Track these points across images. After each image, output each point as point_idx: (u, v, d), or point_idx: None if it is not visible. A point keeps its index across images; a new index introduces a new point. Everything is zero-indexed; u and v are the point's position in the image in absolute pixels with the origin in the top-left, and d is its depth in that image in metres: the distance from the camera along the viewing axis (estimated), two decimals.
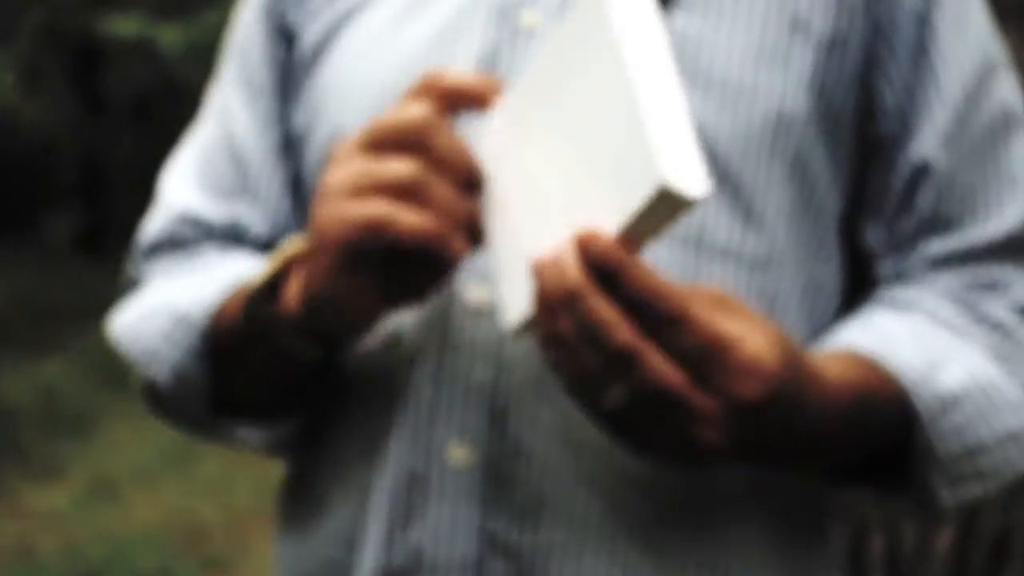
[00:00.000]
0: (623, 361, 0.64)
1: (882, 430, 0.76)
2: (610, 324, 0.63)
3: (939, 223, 0.81)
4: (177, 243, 0.91)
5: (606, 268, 0.64)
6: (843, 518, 0.82)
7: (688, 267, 0.76)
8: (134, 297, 0.90)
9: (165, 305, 0.85)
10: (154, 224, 0.92)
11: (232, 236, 0.90)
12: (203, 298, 0.83)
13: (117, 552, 3.75)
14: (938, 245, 0.81)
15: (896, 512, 1.87)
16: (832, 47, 0.78)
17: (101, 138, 8.94)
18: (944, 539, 1.89)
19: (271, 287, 0.77)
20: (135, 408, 0.89)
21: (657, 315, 0.64)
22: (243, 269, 0.84)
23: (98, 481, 4.32)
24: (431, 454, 0.79)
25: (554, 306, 0.65)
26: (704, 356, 0.64)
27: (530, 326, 0.69)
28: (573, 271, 0.64)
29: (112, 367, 0.93)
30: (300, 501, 0.87)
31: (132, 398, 0.90)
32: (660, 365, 0.64)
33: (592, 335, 0.64)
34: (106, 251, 8.02)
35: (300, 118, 0.88)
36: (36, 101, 8.32)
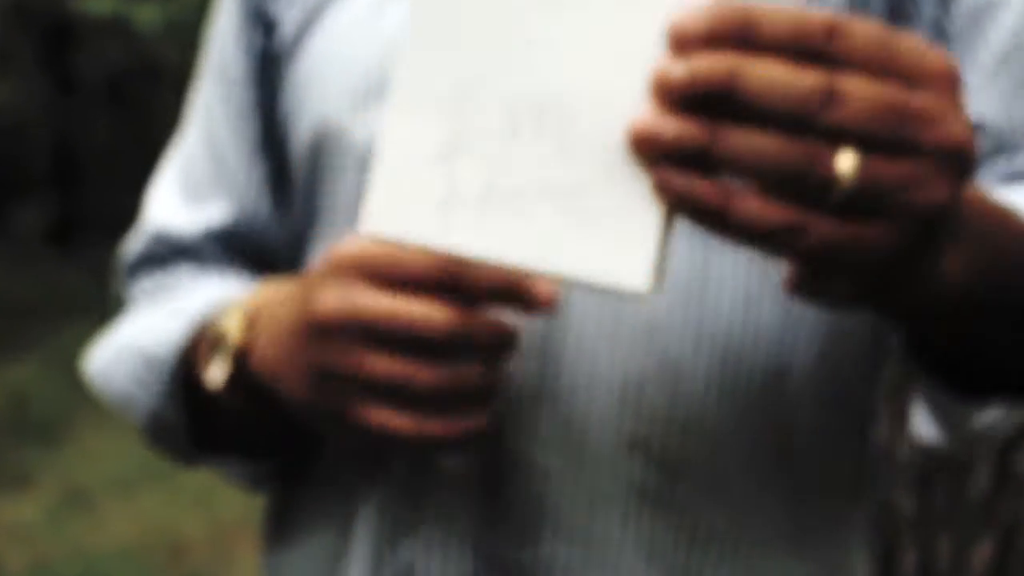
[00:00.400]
0: (825, 104, 0.54)
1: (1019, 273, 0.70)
2: (788, 74, 0.53)
3: (1001, 152, 0.78)
4: (153, 260, 0.94)
5: (733, 31, 0.54)
6: (876, 533, 0.83)
7: (696, 262, 0.76)
8: (109, 334, 0.93)
9: (135, 346, 0.88)
10: (135, 242, 0.95)
11: (206, 245, 0.92)
12: (171, 337, 0.85)
13: (91, 568, 3.75)
14: (1005, 165, 0.78)
15: (930, 526, 1.87)
16: (852, 10, 0.78)
17: (74, 123, 8.95)
18: (982, 554, 1.89)
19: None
20: (111, 413, 0.91)
21: (816, 38, 0.54)
22: (214, 294, 0.87)
23: (71, 491, 4.33)
24: (422, 465, 0.78)
25: (694, 141, 0.54)
26: (882, 50, 0.56)
27: (669, 228, 0.57)
28: (703, 62, 0.54)
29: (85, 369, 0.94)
30: (284, 521, 0.87)
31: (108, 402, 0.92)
32: (862, 83, 0.54)
33: (772, 107, 0.54)
34: (80, 244, 8.04)
35: (283, 109, 0.89)
36: (4, 84, 8.33)
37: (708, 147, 0.54)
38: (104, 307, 1.00)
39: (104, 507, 4.20)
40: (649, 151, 0.55)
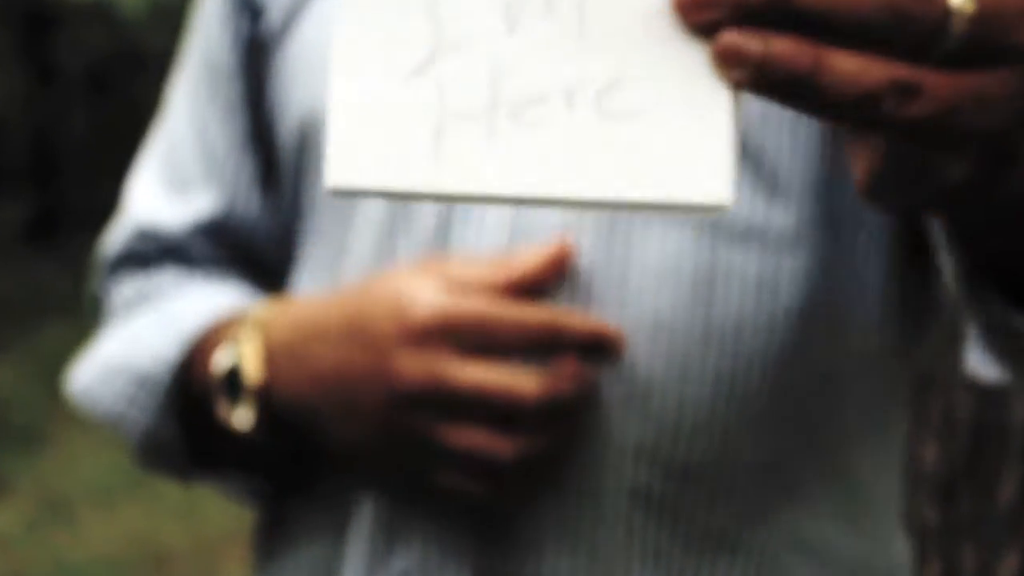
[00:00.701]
0: None
1: None
2: None
3: None
4: (136, 260, 0.94)
5: None
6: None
7: (703, 256, 0.75)
8: (91, 350, 0.93)
9: (124, 363, 0.88)
10: (116, 237, 0.95)
11: (194, 241, 0.92)
12: (163, 354, 0.86)
13: None
14: None
15: (955, 536, 1.86)
16: None
17: (53, 113, 8.94)
18: (1009, 565, 1.88)
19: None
20: (91, 419, 0.91)
21: None
22: (204, 305, 0.87)
23: (49, 500, 4.32)
24: (418, 474, 0.78)
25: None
26: None
27: (738, 113, 0.46)
28: None
29: (66, 371, 0.94)
30: (276, 533, 0.88)
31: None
32: None
33: None
34: (60, 240, 8.03)
35: (270, 98, 0.89)
36: None
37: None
38: (84, 304, 1.00)
39: (84, 517, 4.19)
40: (704, 12, 0.45)
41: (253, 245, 0.91)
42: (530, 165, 0.45)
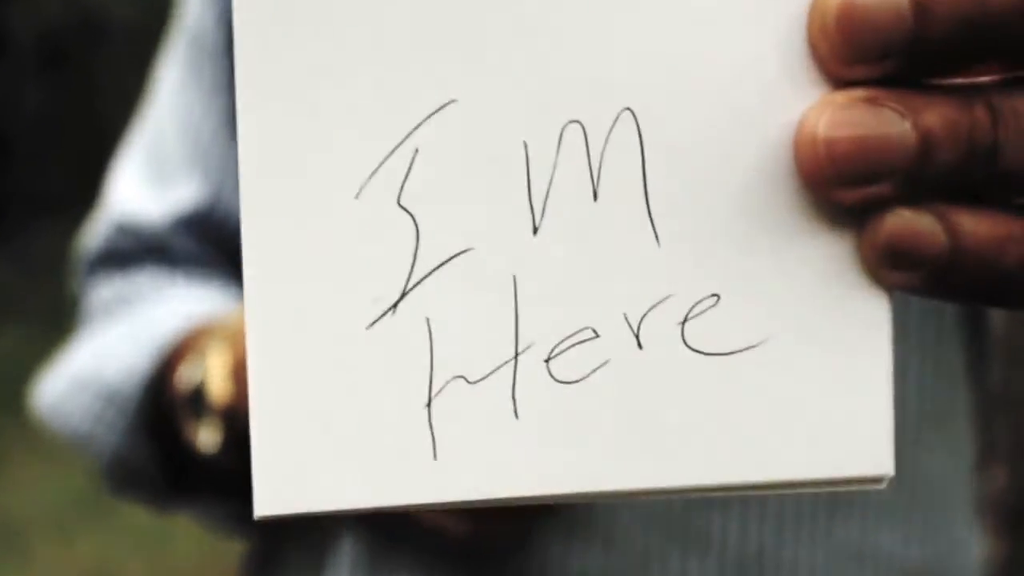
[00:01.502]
0: None
1: None
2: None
3: None
4: (116, 258, 0.96)
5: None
6: None
7: None
8: (61, 360, 0.94)
9: (93, 377, 0.89)
10: (96, 232, 0.97)
11: (176, 237, 0.94)
12: (134, 366, 0.87)
13: None
14: None
15: None
16: None
17: (2, 89, 8.97)
18: None
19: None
20: (45, 439, 0.91)
21: None
22: (181, 310, 0.89)
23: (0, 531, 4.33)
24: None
25: (976, 138, 0.33)
26: None
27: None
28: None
29: (17, 384, 0.93)
30: (260, 564, 0.89)
31: (42, 426, 0.92)
32: None
33: None
34: (9, 230, 8.06)
35: None
36: None
37: (992, 146, 0.33)
38: (40, 307, 1.01)
39: (37, 548, 4.21)
40: (861, 187, 0.32)
41: (240, 240, 0.93)
42: (583, 444, 0.32)
